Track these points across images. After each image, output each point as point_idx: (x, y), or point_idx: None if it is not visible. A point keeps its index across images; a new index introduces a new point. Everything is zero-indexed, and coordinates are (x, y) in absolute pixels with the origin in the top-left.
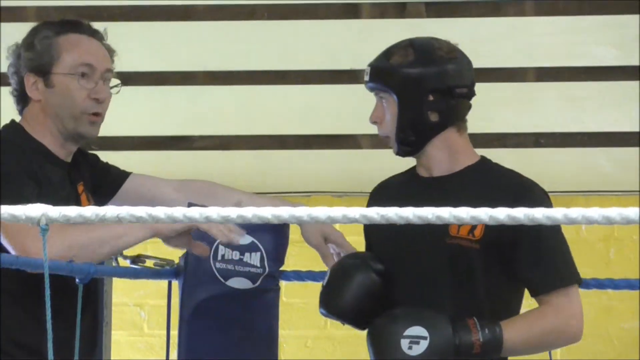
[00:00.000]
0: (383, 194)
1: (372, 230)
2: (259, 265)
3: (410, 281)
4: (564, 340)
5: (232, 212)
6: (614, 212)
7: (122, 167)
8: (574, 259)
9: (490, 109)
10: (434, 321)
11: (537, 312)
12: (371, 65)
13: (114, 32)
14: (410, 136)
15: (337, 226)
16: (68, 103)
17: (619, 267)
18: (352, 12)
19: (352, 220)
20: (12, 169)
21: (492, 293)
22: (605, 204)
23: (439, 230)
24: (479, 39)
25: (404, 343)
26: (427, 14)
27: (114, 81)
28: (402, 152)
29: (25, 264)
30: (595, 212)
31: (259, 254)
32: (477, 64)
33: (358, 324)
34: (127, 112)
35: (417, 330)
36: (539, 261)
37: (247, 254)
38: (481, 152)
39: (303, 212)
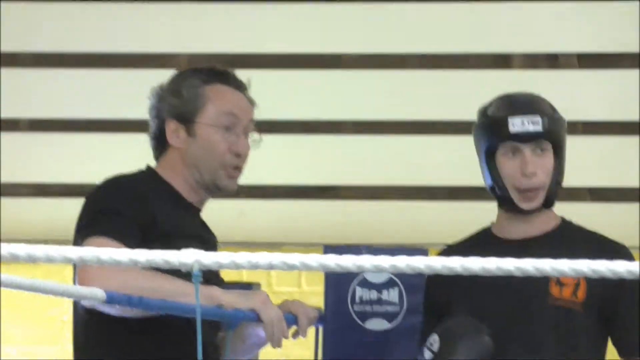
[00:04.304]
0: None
1: (455, 293)
2: (397, 302)
3: (511, 344)
4: None
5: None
6: None
7: (271, 217)
8: None
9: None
10: None
11: None
12: (542, 114)
13: (263, 80)
14: (558, 188)
15: None
16: (208, 154)
17: None
18: (503, 62)
19: (469, 271)
20: (121, 208)
21: (592, 355)
22: None
23: (540, 291)
24: (633, 92)
25: None
26: (579, 65)
27: (254, 135)
28: (548, 205)
29: (176, 309)
30: None
31: (397, 289)
32: (629, 117)
33: None
34: (275, 161)
35: None
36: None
37: (385, 292)
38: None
39: (420, 262)
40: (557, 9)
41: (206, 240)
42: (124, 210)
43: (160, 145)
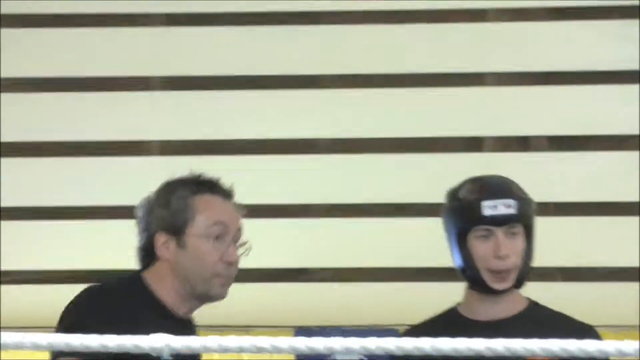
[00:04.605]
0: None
1: None
2: None
3: None
4: None
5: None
6: None
7: (242, 300)
8: None
9: (611, 243)
10: None
11: None
12: (515, 198)
13: (234, 165)
14: (529, 269)
15: None
16: (200, 265)
17: None
18: (474, 145)
19: (439, 351)
20: (94, 325)
21: None
22: None
23: None
24: (602, 173)
25: None
26: (549, 148)
27: (244, 243)
28: (518, 286)
29: None
30: None
31: None
32: (598, 197)
33: None
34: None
35: None
36: None
37: None
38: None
39: (390, 343)
40: (527, 92)
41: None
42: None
43: (149, 256)
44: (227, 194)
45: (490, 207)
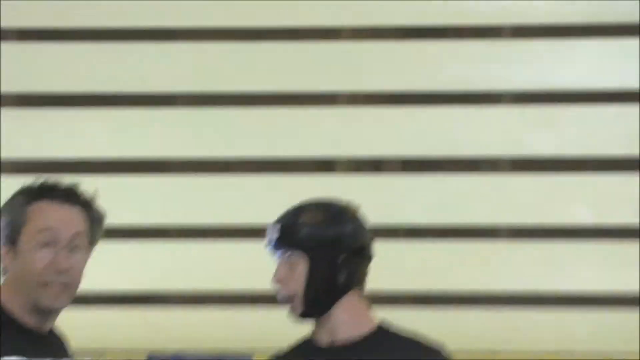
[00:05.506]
0: None
1: None
2: None
3: None
4: None
5: None
6: None
7: (96, 324)
8: None
9: (461, 267)
10: None
11: None
12: (280, 224)
13: (84, 186)
14: (321, 297)
15: None
16: (28, 274)
17: None
18: (326, 167)
19: None
20: None
21: None
22: None
23: None
24: (454, 195)
25: None
26: (403, 170)
27: (77, 246)
28: (308, 314)
29: None
30: None
31: None
32: (454, 219)
33: None
34: (98, 267)
35: None
36: None
37: None
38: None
39: None
40: (379, 112)
41: None
42: None
43: (3, 268)
44: (67, 198)
45: (271, 233)
